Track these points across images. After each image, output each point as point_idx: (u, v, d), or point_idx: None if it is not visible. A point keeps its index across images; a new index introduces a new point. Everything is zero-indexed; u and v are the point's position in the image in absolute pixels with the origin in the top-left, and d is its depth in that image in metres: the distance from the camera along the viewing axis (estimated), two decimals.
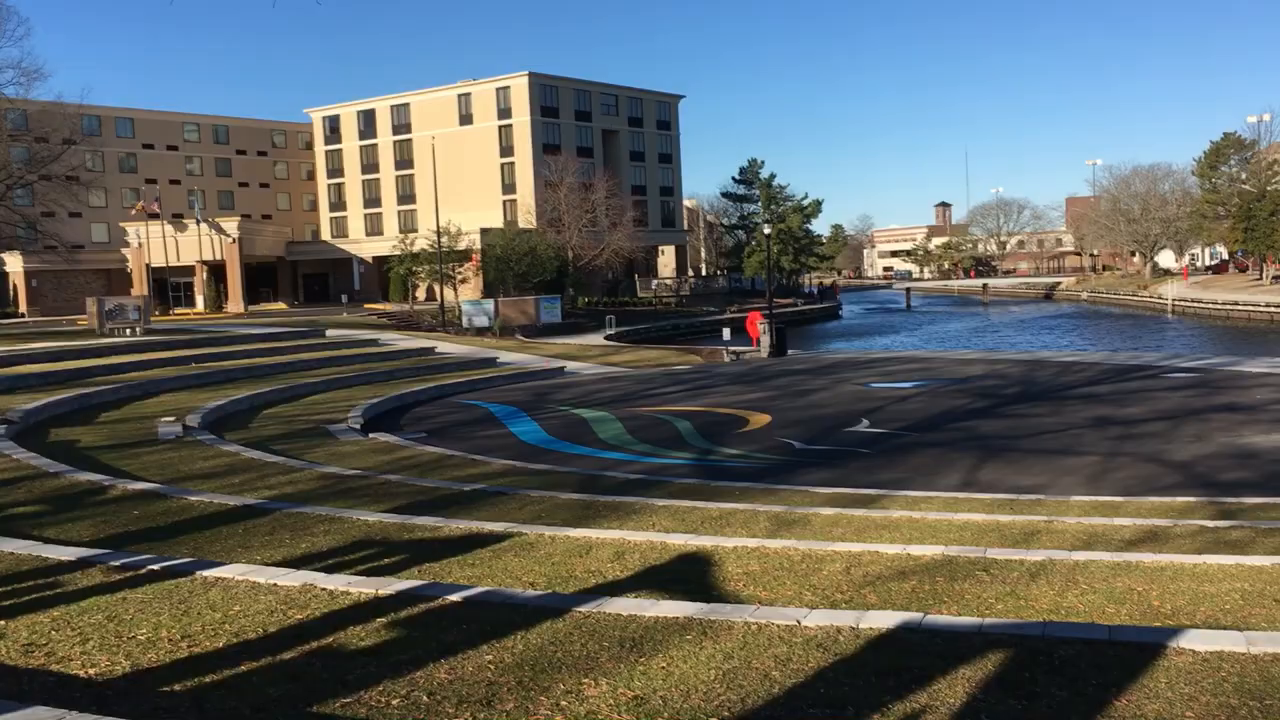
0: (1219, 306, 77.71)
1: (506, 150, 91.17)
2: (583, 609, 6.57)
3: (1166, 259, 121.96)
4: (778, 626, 6.08)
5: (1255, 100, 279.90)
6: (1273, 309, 70.45)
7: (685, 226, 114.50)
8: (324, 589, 7.26)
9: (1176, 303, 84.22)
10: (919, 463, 18.39)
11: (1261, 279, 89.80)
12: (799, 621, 6.15)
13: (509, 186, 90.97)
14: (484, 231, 74.61)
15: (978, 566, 8.28)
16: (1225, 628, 6.24)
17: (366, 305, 74.04)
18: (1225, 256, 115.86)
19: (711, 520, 11.51)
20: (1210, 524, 10.99)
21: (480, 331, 56.31)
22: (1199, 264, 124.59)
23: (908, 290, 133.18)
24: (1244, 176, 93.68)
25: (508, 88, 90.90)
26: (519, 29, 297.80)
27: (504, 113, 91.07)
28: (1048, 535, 10.54)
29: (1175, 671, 5.16)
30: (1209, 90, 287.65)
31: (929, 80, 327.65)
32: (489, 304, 59.95)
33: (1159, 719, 4.64)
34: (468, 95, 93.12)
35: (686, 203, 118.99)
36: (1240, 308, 74.65)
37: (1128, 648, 5.50)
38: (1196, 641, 5.52)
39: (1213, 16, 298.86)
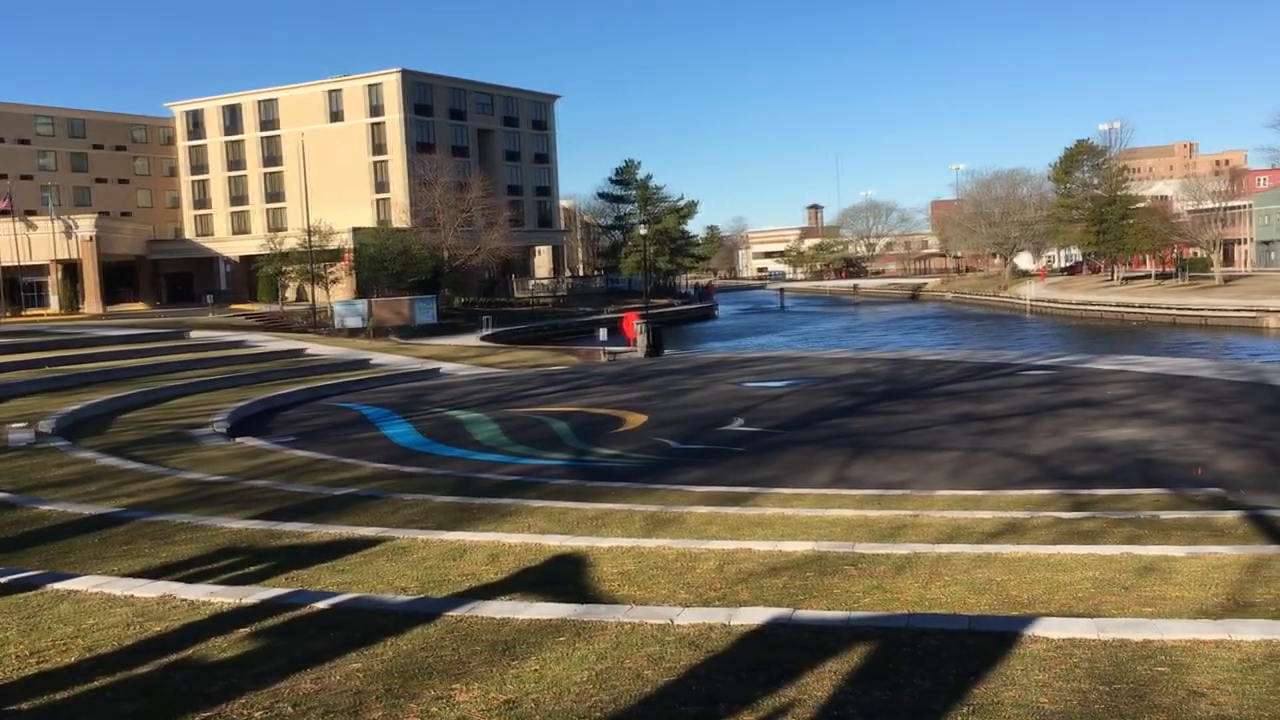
0: (1073, 306, 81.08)
1: (379, 148, 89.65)
2: (455, 613, 6.49)
3: (1025, 261, 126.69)
4: (651, 626, 6.10)
5: (1107, 108, 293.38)
6: (1122, 308, 73.88)
7: (562, 227, 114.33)
8: (184, 600, 7.02)
9: (1034, 303, 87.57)
10: (791, 460, 18.69)
11: (1112, 280, 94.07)
12: (672, 620, 6.18)
13: (382, 185, 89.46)
14: (356, 231, 73.18)
15: (847, 561, 8.46)
16: (1078, 615, 6.49)
17: (233, 306, 71.86)
18: (1079, 258, 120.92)
19: (587, 521, 11.50)
20: (1065, 515, 11.44)
21: (353, 333, 55.20)
22: (1055, 266, 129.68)
23: (781, 291, 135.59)
24: (1096, 182, 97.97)
25: (380, 85, 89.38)
26: (392, 27, 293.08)
27: (376, 110, 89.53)
28: (914, 529, 10.83)
29: (1031, 659, 5.34)
30: (1066, 98, 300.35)
31: (802, 82, 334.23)
32: (362, 304, 58.83)
33: (1016, 705, 4.79)
34: (338, 91, 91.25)
35: (563, 203, 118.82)
36: (1093, 307, 78.05)
37: (987, 637, 5.68)
38: (1051, 629, 5.74)
39: (1068, 29, 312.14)
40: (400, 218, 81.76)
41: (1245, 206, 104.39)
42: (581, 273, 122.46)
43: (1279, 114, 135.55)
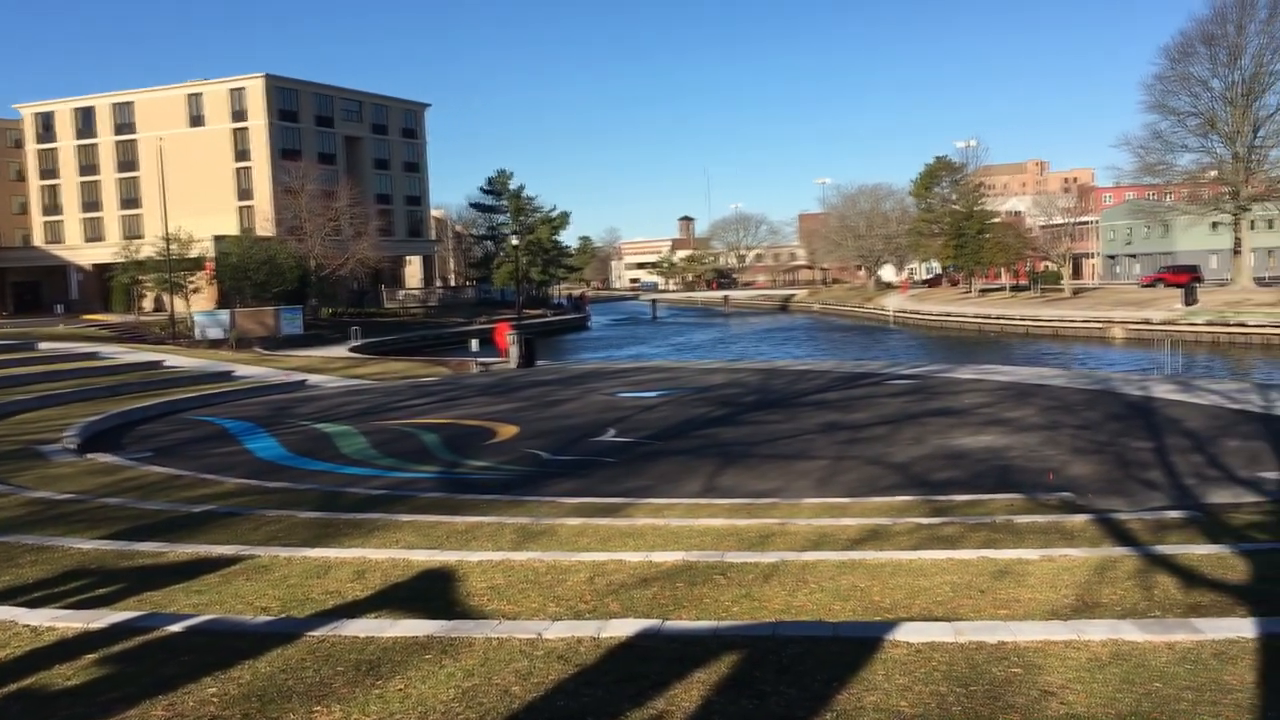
0: (934, 317, 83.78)
1: (242, 154, 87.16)
2: (317, 633, 6.32)
3: (889, 273, 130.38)
4: (519, 640, 6.05)
5: (965, 126, 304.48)
6: (980, 319, 76.63)
7: (433, 236, 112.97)
8: (26, 625, 6.67)
9: (897, 314, 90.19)
10: (663, 470, 18.79)
11: (970, 292, 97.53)
12: (541, 634, 6.13)
13: (245, 192, 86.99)
14: (218, 239, 70.93)
15: (716, 570, 8.53)
16: (937, 619, 6.68)
17: (85, 316, 68.82)
18: (940, 271, 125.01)
19: (457, 535, 11.35)
20: (925, 521, 11.77)
21: (215, 344, 53.46)
22: (918, 278, 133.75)
23: (654, 302, 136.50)
24: (954, 197, 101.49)
25: (243, 89, 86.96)
26: (257, 32, 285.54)
27: (239, 115, 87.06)
28: (781, 537, 10.99)
29: (892, 664, 5.47)
30: (927, 115, 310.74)
31: (673, 95, 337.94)
32: (224, 315, 57.03)
33: (878, 710, 4.89)
34: (199, 95, 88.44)
35: (435, 212, 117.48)
36: (952, 319, 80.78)
37: (850, 643, 5.80)
38: (911, 634, 5.88)
39: (926, 48, 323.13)
40: (265, 226, 79.58)
41: (1093, 222, 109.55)
42: (453, 283, 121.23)
43: (1123, 135, 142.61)
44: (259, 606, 7.68)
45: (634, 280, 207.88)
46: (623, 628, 6.21)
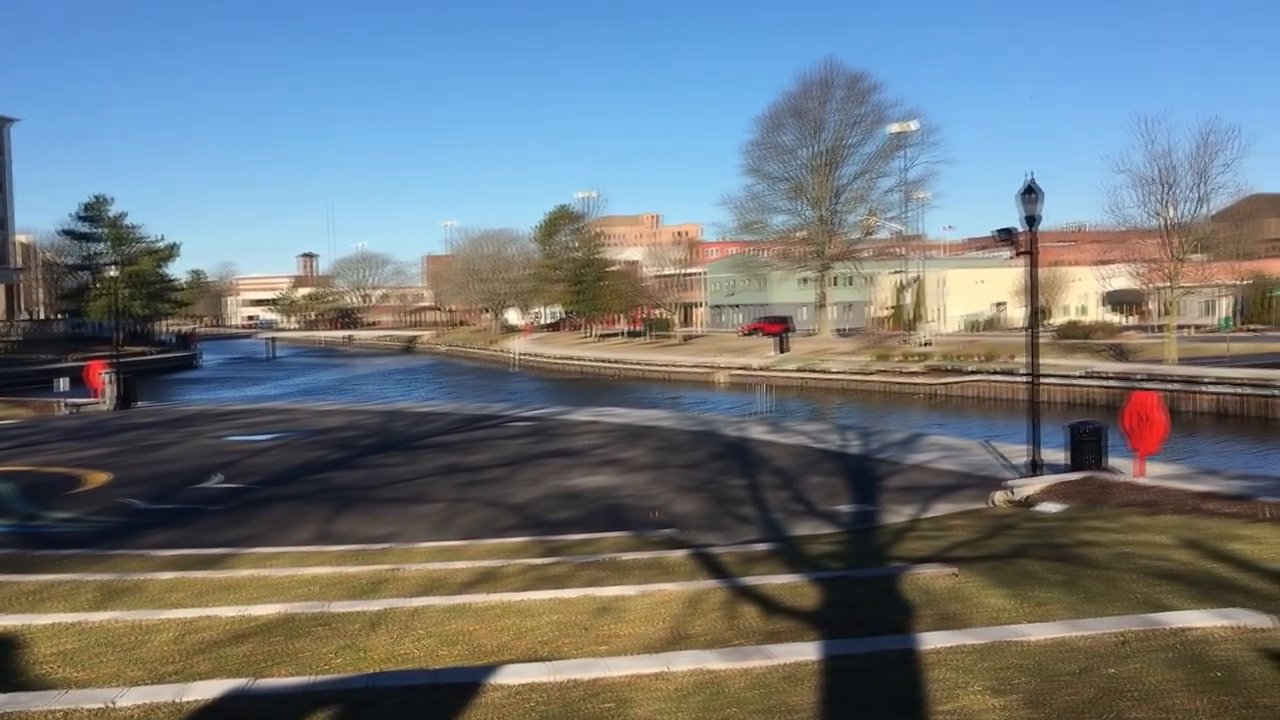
0: (555, 360, 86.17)
1: None
2: None
3: (514, 316, 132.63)
4: (87, 711, 5.50)
5: (586, 177, 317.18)
6: (598, 363, 79.73)
7: (18, 264, 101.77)
8: None
9: (521, 357, 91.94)
10: (273, 517, 17.90)
11: (589, 337, 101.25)
12: (113, 702, 5.61)
13: None
14: None
15: (319, 621, 8.20)
16: (540, 659, 6.78)
17: None
18: (562, 315, 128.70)
19: (26, 595, 10.18)
20: (537, 561, 11.97)
21: None
22: (541, 322, 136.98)
23: (272, 340, 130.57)
24: (575, 245, 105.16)
25: None
26: None
27: None
28: (392, 583, 10.77)
29: (489, 707, 5.48)
30: (551, 166, 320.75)
31: (291, 132, 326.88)
32: None
33: None
34: None
35: (20, 238, 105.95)
36: (573, 362, 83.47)
37: (449, 690, 5.76)
38: (511, 676, 5.93)
39: (548, 102, 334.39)
40: None
41: (700, 273, 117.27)
42: (41, 315, 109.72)
43: (725, 195, 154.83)
44: None
45: (250, 317, 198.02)
46: (208, 690, 5.81)
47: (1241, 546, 12.17)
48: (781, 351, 67.35)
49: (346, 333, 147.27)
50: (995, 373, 51.01)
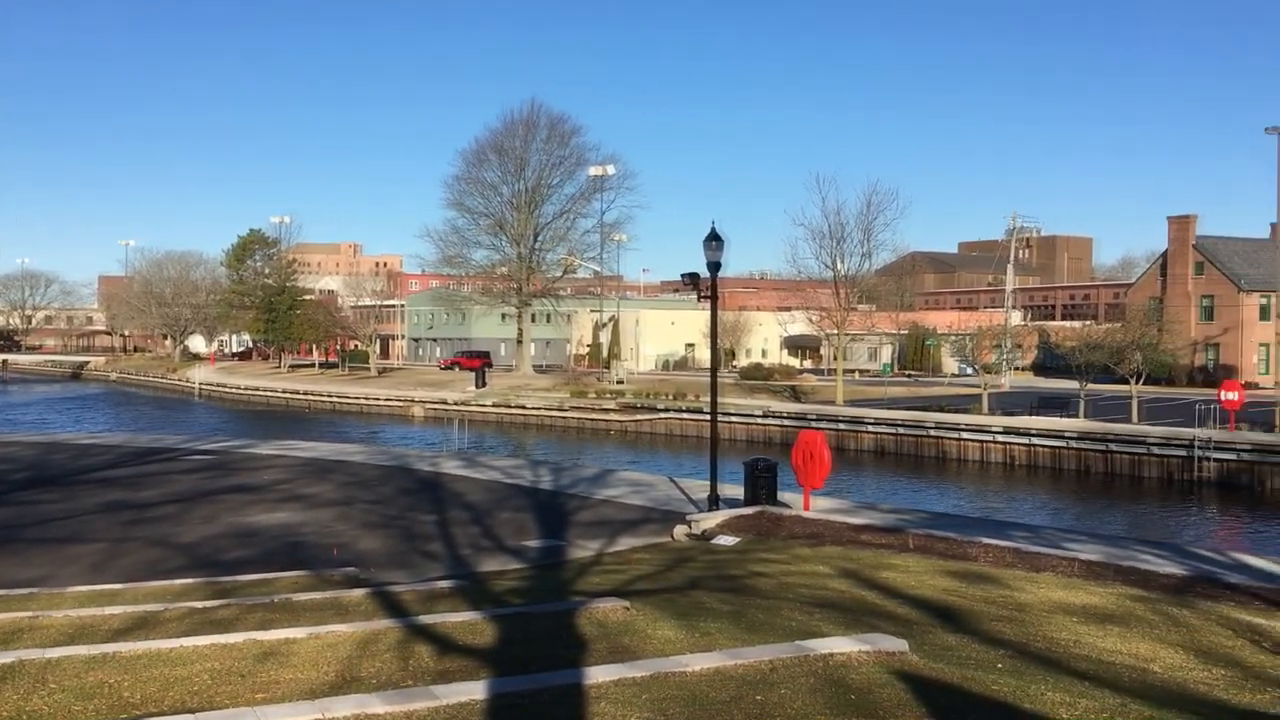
0: (243, 391, 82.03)
1: None
2: None
3: (199, 344, 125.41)
4: None
5: (282, 201, 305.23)
6: (289, 395, 76.57)
7: None
8: None
9: (204, 386, 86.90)
10: None
11: (281, 367, 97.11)
12: None
13: None
14: None
15: None
16: (187, 710, 6.35)
17: None
18: (251, 344, 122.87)
19: None
20: (202, 605, 11.26)
21: None
22: (229, 350, 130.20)
23: None
24: (268, 271, 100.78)
25: None
26: None
27: None
28: (32, 632, 9.82)
29: None
30: (246, 184, 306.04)
31: None
32: None
33: None
34: None
35: None
36: (261, 393, 79.72)
37: None
38: None
39: (239, 114, 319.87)
40: None
41: (400, 305, 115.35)
42: None
43: (426, 227, 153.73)
44: None
45: None
46: None
47: (890, 575, 13.24)
48: (480, 386, 67.28)
49: (2, 356, 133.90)
50: (684, 411, 53.14)
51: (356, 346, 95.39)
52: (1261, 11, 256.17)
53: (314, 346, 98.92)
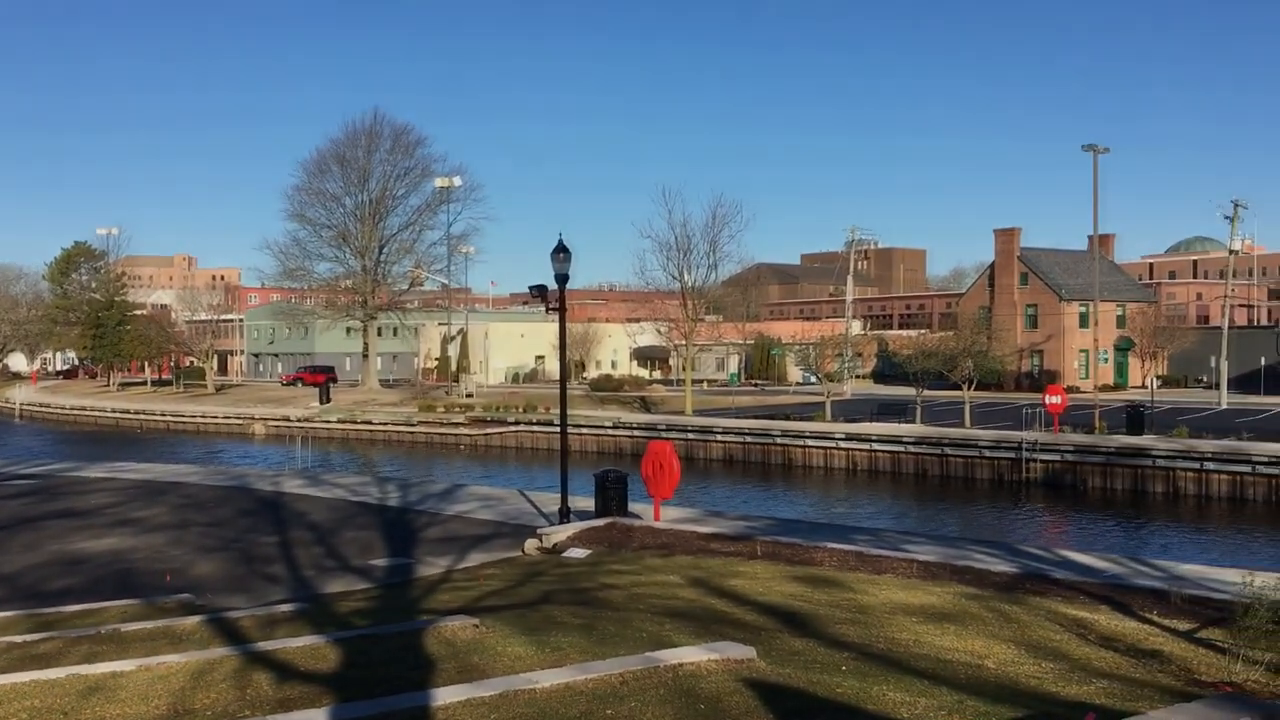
0: (69, 411, 77.96)
1: None
2: None
3: (20, 362, 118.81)
4: None
5: (109, 211, 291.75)
6: (119, 414, 73.12)
7: None
8: None
9: (25, 407, 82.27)
10: None
11: (110, 385, 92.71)
12: None
13: None
14: None
15: None
16: None
17: None
18: (77, 362, 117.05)
19: None
20: (22, 639, 10.61)
21: None
22: (53, 368, 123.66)
23: None
24: (95, 286, 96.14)
25: None
26: None
27: None
28: None
29: None
30: (63, 195, 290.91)
31: None
32: None
33: None
34: None
35: None
36: (89, 413, 75.90)
37: None
38: None
39: (57, 122, 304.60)
40: None
41: (238, 320, 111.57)
42: None
43: (266, 239, 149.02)
44: None
45: None
46: None
47: (739, 582, 13.43)
48: (324, 402, 65.59)
49: None
50: (535, 423, 52.91)
51: (192, 363, 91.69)
52: (1080, 31, 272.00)
53: (146, 363, 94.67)
